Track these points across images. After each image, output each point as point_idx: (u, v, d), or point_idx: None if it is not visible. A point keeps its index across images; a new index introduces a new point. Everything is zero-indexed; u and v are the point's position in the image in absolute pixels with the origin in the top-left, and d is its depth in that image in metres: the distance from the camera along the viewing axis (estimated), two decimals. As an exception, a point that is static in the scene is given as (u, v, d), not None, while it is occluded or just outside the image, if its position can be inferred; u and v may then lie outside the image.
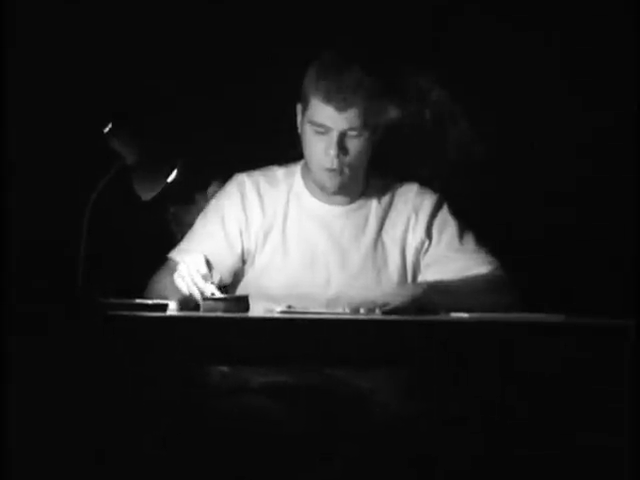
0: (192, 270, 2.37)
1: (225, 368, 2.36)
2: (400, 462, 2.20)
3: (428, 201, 2.71)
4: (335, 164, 2.57)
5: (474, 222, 2.71)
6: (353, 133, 2.57)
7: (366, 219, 2.69)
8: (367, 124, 2.57)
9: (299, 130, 2.64)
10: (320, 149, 2.58)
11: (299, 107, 2.64)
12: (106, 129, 2.31)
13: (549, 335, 2.08)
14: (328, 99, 2.54)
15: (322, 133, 2.57)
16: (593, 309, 2.31)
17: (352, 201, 2.70)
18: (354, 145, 2.58)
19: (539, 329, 2.10)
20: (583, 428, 2.11)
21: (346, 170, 2.59)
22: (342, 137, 2.57)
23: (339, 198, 2.68)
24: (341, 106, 2.54)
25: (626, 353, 2.01)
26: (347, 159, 2.58)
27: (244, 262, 2.68)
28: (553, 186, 3.16)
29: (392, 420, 2.27)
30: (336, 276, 2.64)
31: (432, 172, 2.86)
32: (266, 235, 2.67)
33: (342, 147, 2.57)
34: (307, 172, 2.69)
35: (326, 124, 2.56)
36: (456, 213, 2.71)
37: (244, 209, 2.68)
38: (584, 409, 2.11)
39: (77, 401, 1.97)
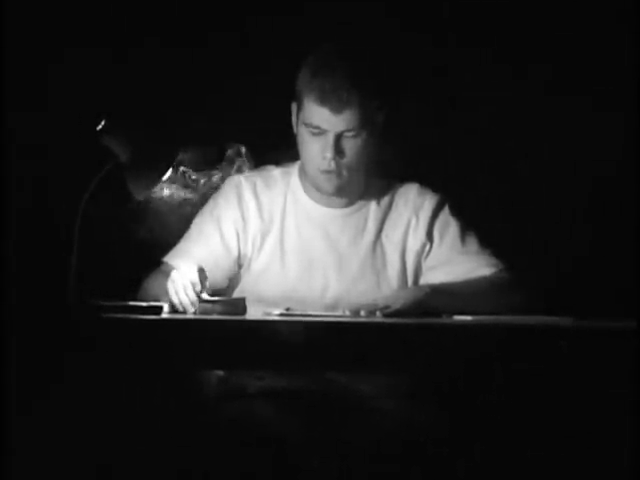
0: (185, 280, 2.30)
1: (221, 372, 2.34)
2: (401, 467, 2.18)
3: (429, 202, 2.67)
4: (332, 166, 2.53)
5: (478, 223, 2.68)
6: (350, 134, 2.52)
7: (365, 221, 2.65)
8: (364, 124, 2.52)
9: (294, 130, 2.60)
10: (316, 151, 2.53)
11: (293, 106, 2.59)
12: (99, 126, 2.27)
13: (554, 338, 2.04)
14: (323, 100, 2.48)
15: (318, 134, 2.52)
16: (598, 311, 2.29)
17: (350, 203, 2.65)
18: (351, 146, 2.53)
19: (544, 332, 2.07)
20: (586, 431, 2.09)
21: (344, 172, 2.55)
22: (338, 138, 2.51)
23: (337, 200, 2.64)
24: (337, 107, 2.48)
25: (630, 355, 1.99)
26: (344, 161, 2.53)
27: (240, 266, 2.64)
28: (557, 188, 3.15)
29: (393, 425, 2.24)
30: (334, 281, 2.60)
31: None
32: (263, 238, 2.63)
33: (339, 149, 2.52)
34: (304, 173, 2.64)
35: (322, 126, 2.51)
36: (459, 214, 2.67)
37: (241, 211, 2.64)
38: (587, 411, 2.09)
39: (72, 404, 1.95)
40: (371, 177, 2.65)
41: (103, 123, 2.27)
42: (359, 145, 2.53)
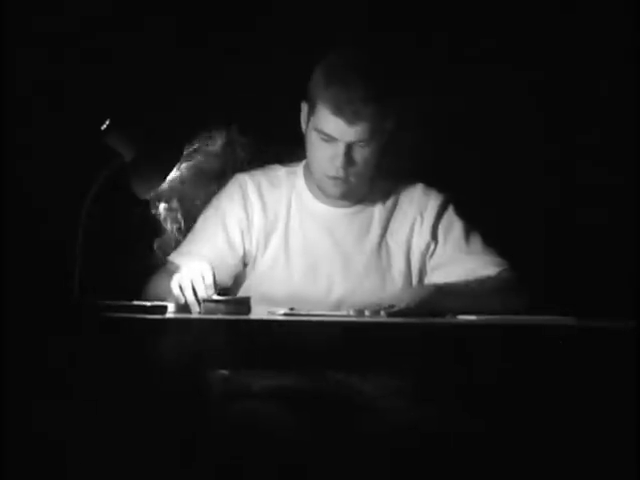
0: (196, 277, 2.29)
1: (226, 372, 2.34)
2: (406, 467, 2.18)
3: (433, 202, 2.67)
4: (340, 173, 2.53)
5: (483, 223, 2.68)
6: (361, 144, 2.51)
7: (370, 221, 2.65)
8: (375, 134, 2.51)
9: (302, 129, 2.59)
10: (325, 156, 2.53)
11: (304, 106, 2.58)
12: (103, 126, 2.26)
13: (558, 338, 2.04)
14: (338, 111, 2.47)
15: (328, 141, 2.51)
16: (600, 311, 2.28)
17: (355, 203, 2.65)
18: (361, 155, 2.53)
19: (548, 332, 2.07)
20: (587, 431, 2.09)
21: (352, 179, 2.55)
22: (349, 147, 2.51)
23: (342, 200, 2.63)
24: (351, 119, 2.48)
25: (630, 355, 1.99)
26: (353, 169, 2.54)
27: (245, 265, 2.64)
28: (559, 189, 3.15)
29: (397, 424, 2.24)
30: (339, 281, 2.60)
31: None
32: (267, 237, 2.63)
33: (349, 157, 2.51)
34: (309, 173, 2.64)
35: (334, 135, 2.50)
36: (463, 214, 2.67)
37: (245, 210, 2.63)
38: (588, 411, 2.09)
39: (75, 404, 1.94)
40: (376, 177, 2.65)
41: (107, 123, 2.27)
42: (368, 153, 2.53)
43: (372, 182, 2.64)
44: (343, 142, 2.50)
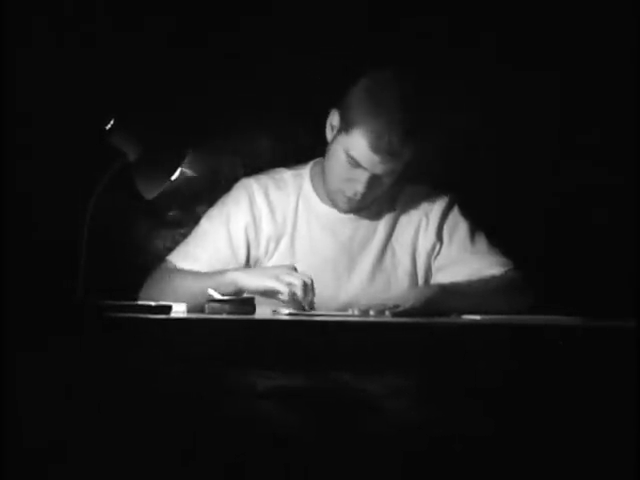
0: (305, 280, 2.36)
1: (230, 372, 2.34)
2: (410, 468, 2.18)
3: (438, 203, 2.67)
4: (358, 196, 2.53)
5: (487, 223, 2.68)
6: (384, 175, 2.51)
7: (376, 223, 2.65)
8: (399, 168, 2.51)
9: (327, 137, 2.57)
10: (347, 177, 2.52)
11: (335, 115, 2.54)
12: (108, 125, 2.26)
13: (562, 337, 2.04)
14: (376, 149, 2.45)
15: (354, 166, 2.50)
16: (600, 310, 2.29)
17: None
18: (382, 183, 2.53)
19: (553, 331, 2.06)
20: (587, 430, 2.09)
21: (366, 200, 2.56)
22: (373, 176, 2.50)
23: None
24: (387, 159, 2.46)
25: (630, 355, 1.99)
26: (371, 194, 2.54)
27: (249, 267, 2.61)
28: (556, 189, 3.16)
29: (401, 425, 2.24)
30: (345, 284, 2.60)
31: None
32: (278, 242, 2.61)
33: (370, 185, 2.51)
34: (317, 176, 2.64)
35: (363, 165, 2.48)
36: (468, 214, 2.67)
37: (253, 216, 2.61)
38: (589, 410, 2.09)
39: (79, 406, 1.94)
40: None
41: (112, 122, 2.26)
42: (388, 182, 2.54)
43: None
44: (370, 172, 2.49)
